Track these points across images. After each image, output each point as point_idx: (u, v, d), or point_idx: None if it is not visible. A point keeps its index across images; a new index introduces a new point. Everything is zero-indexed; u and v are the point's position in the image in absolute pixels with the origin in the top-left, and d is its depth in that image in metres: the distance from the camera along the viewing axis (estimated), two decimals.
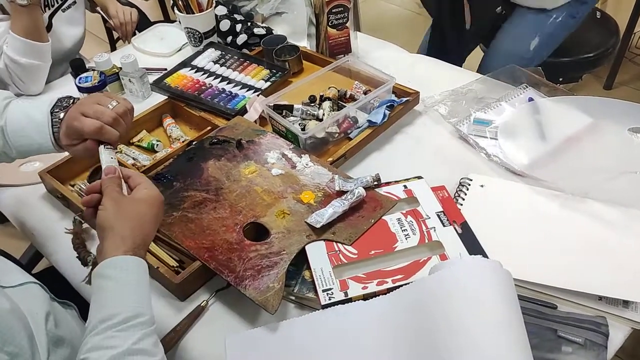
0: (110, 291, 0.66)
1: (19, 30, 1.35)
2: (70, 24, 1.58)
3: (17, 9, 1.33)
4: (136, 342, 0.63)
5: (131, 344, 0.62)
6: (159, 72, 1.42)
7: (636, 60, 2.54)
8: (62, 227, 1.03)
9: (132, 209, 0.72)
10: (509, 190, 0.99)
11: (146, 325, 0.65)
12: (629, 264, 0.83)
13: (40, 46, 1.38)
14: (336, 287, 0.82)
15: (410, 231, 0.89)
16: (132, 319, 0.64)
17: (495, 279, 0.70)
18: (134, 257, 0.68)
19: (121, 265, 0.67)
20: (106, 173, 0.76)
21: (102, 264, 0.67)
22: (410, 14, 3.37)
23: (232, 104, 1.25)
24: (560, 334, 0.75)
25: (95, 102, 0.82)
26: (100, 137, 0.81)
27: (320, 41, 1.39)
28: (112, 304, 0.65)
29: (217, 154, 1.05)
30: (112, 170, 0.76)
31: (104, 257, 0.67)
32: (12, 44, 1.35)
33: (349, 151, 1.09)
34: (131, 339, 0.62)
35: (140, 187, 0.75)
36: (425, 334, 0.70)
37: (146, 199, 0.74)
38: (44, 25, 1.40)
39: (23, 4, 1.31)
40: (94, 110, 0.81)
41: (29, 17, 1.34)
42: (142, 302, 0.67)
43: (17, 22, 1.35)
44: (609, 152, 1.04)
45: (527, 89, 1.22)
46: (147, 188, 0.75)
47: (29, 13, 1.34)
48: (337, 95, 1.21)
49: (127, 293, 0.66)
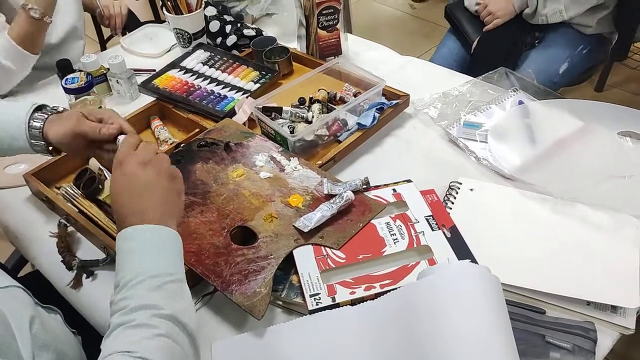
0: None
1: (16, 36, 1.33)
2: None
3: (25, 18, 1.32)
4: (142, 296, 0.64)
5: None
6: (147, 73, 1.40)
7: (627, 62, 2.55)
8: (46, 231, 1.01)
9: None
10: (498, 194, 0.99)
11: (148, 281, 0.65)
12: (618, 269, 0.82)
13: (28, 56, 1.36)
14: (324, 292, 0.81)
15: (399, 235, 0.88)
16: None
17: (484, 285, 0.69)
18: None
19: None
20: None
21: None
22: (403, 15, 3.37)
23: (221, 106, 1.24)
24: (549, 340, 0.75)
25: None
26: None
27: (310, 43, 1.38)
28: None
29: (205, 156, 1.04)
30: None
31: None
32: (2, 44, 1.33)
33: (338, 154, 1.08)
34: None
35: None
36: (413, 340, 0.70)
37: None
38: (43, 40, 1.38)
39: (35, 17, 1.31)
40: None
41: (33, 29, 1.33)
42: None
43: (18, 29, 1.33)
44: (598, 155, 1.04)
45: (518, 92, 1.22)
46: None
47: (36, 26, 1.33)
48: (327, 97, 1.20)
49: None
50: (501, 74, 1.27)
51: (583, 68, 1.76)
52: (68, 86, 1.21)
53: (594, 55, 1.75)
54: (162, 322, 0.62)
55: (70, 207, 1.00)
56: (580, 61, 1.71)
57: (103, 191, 1.01)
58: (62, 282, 0.93)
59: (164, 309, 0.63)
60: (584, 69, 1.76)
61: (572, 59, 1.68)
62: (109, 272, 0.94)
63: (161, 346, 0.60)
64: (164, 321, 0.62)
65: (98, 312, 0.89)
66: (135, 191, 0.71)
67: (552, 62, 1.66)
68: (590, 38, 1.70)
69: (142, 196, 0.71)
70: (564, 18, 1.65)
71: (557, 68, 1.66)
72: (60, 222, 1.00)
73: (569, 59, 1.67)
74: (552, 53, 1.68)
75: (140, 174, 0.72)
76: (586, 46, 1.70)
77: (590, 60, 1.76)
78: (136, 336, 0.61)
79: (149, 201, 0.70)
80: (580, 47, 1.69)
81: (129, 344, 0.60)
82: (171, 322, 0.63)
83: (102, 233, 0.94)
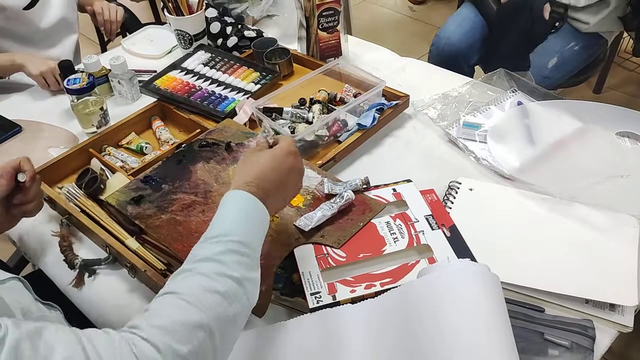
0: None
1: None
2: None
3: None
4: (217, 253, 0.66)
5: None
6: (148, 74, 1.41)
7: (625, 64, 2.55)
8: (49, 230, 1.02)
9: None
10: (497, 194, 0.99)
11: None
12: (616, 267, 0.83)
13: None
14: (324, 291, 0.82)
15: (399, 234, 0.89)
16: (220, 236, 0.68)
17: (483, 283, 0.70)
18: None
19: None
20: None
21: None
22: (403, 17, 3.38)
23: (222, 107, 1.25)
24: (547, 337, 0.76)
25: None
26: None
27: (310, 44, 1.39)
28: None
29: (206, 156, 1.04)
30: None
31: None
32: None
33: (339, 154, 1.09)
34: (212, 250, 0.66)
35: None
36: (413, 338, 0.70)
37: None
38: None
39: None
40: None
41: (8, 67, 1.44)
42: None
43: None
44: (597, 156, 1.05)
45: (517, 93, 1.23)
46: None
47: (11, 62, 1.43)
48: (327, 98, 1.21)
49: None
50: (500, 75, 1.28)
51: (575, 65, 1.75)
52: (70, 87, 1.21)
53: (586, 52, 1.74)
54: (227, 281, 0.63)
55: (72, 206, 1.00)
56: (571, 57, 1.70)
57: (105, 191, 1.02)
58: (64, 281, 0.94)
59: (234, 271, 0.64)
60: (576, 66, 1.75)
61: (562, 54, 1.67)
62: (110, 271, 0.95)
63: (211, 301, 0.61)
64: (229, 281, 0.63)
65: (100, 311, 0.90)
66: (277, 179, 0.76)
67: (542, 56, 1.66)
68: (585, 36, 1.70)
69: (277, 185, 0.76)
70: (569, 1, 1.64)
71: (546, 62, 1.66)
72: (62, 221, 1.00)
73: (559, 54, 1.67)
74: (542, 46, 1.68)
75: (290, 176, 0.79)
76: (578, 43, 1.69)
77: (582, 58, 1.75)
78: (194, 283, 0.63)
79: (277, 189, 0.76)
80: (572, 43, 1.69)
81: (182, 287, 0.62)
82: (235, 284, 0.64)
83: (104, 232, 0.94)
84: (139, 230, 0.93)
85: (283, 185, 0.78)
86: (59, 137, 1.24)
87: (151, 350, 0.56)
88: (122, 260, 0.91)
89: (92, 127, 1.22)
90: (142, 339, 0.57)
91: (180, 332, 0.58)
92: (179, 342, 0.57)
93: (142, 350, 0.56)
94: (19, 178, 0.89)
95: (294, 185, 0.82)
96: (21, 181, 0.89)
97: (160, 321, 0.59)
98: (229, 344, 0.64)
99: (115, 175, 1.06)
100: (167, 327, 0.58)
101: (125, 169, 1.10)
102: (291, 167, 0.79)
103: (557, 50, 1.67)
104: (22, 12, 1.52)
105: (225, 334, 0.62)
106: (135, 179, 1.00)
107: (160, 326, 0.58)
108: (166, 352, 0.56)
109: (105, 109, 1.23)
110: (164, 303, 0.62)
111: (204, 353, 0.59)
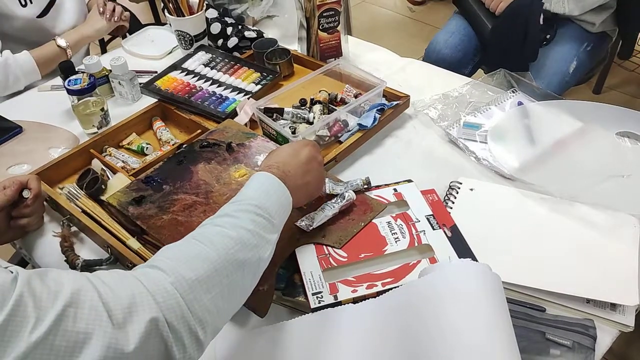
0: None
1: (38, 56, 1.46)
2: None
3: (51, 44, 1.49)
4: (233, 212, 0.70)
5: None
6: (149, 75, 1.41)
7: (625, 64, 2.56)
8: (50, 230, 1.02)
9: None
10: (498, 194, 0.99)
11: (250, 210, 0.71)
12: (617, 267, 0.83)
13: (35, 76, 1.47)
14: (326, 291, 0.82)
15: (400, 234, 0.89)
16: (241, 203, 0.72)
17: (484, 282, 0.70)
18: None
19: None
20: None
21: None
22: (402, 18, 3.39)
23: (223, 107, 1.25)
24: (549, 337, 0.76)
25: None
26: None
27: (311, 44, 1.39)
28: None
29: (207, 157, 1.05)
30: None
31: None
32: (21, 58, 1.44)
33: (340, 154, 1.09)
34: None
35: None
36: (414, 337, 0.70)
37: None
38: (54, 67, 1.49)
39: (61, 46, 1.49)
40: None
41: (53, 55, 1.48)
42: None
43: (41, 52, 1.47)
44: (597, 156, 1.05)
45: (517, 93, 1.23)
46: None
47: (57, 54, 1.48)
48: (328, 98, 1.21)
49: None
50: (500, 75, 1.28)
51: (589, 65, 1.77)
52: (71, 87, 1.21)
53: (597, 52, 1.76)
54: (240, 230, 0.67)
55: (73, 207, 1.00)
56: (586, 59, 1.72)
57: (106, 191, 1.02)
58: None
59: (247, 224, 0.68)
60: (588, 67, 1.77)
61: (579, 57, 1.68)
62: None
63: (222, 242, 0.65)
64: (242, 231, 0.67)
65: None
66: (297, 162, 0.82)
67: (563, 62, 1.67)
68: (594, 35, 1.71)
69: (298, 168, 0.82)
70: (564, 11, 1.65)
71: (568, 67, 1.67)
72: (63, 222, 1.00)
73: (577, 57, 1.68)
74: (560, 51, 1.69)
75: (311, 161, 0.84)
76: (590, 43, 1.71)
77: (594, 58, 1.77)
78: (208, 230, 0.68)
79: (299, 176, 0.81)
80: (585, 44, 1.70)
81: (196, 232, 0.67)
82: (248, 234, 0.67)
83: (106, 232, 0.94)
84: (140, 231, 0.93)
85: (304, 172, 0.83)
86: (59, 137, 1.24)
87: (157, 272, 0.59)
88: (124, 261, 0.91)
89: (93, 128, 1.22)
90: (147, 266, 0.61)
91: (188, 260, 0.61)
92: (186, 268, 0.60)
93: (147, 273, 0.59)
94: (24, 194, 0.97)
95: (316, 175, 0.86)
96: (25, 197, 0.97)
97: (169, 252, 0.64)
98: (234, 290, 0.65)
99: (116, 176, 1.06)
100: (175, 256, 0.62)
101: (126, 169, 1.10)
102: (309, 156, 0.84)
103: (575, 54, 1.68)
104: (36, 20, 1.53)
105: (232, 276, 0.64)
106: (136, 179, 1.00)
107: (168, 256, 0.62)
108: (171, 273, 0.59)
109: (106, 109, 1.23)
110: (177, 243, 0.66)
111: (209, 284, 0.61)
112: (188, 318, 0.57)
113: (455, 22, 1.87)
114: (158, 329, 0.55)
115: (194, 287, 0.59)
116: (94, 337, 0.51)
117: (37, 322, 0.49)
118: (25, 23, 1.52)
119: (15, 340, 0.47)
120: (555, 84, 1.63)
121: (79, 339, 0.50)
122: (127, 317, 0.53)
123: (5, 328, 0.47)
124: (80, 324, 0.51)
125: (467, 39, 1.81)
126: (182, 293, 0.58)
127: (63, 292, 0.52)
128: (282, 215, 0.75)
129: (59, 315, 0.50)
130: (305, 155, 0.84)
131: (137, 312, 0.54)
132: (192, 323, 0.58)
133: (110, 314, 0.53)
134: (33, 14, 1.52)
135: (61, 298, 0.51)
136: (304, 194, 0.84)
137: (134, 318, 0.54)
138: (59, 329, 0.50)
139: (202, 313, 0.59)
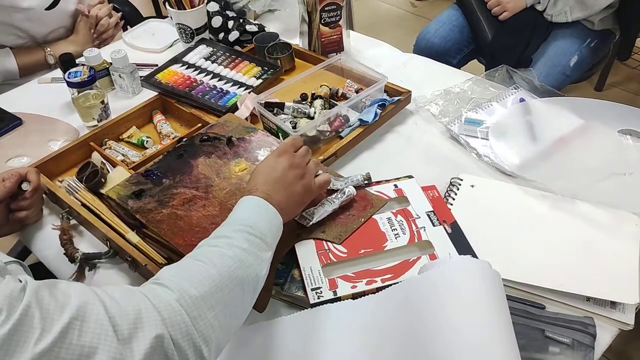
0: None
1: (22, 62, 1.52)
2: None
3: (39, 54, 1.54)
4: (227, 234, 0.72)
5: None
6: (149, 68, 1.41)
7: (627, 62, 2.55)
8: (49, 223, 1.02)
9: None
10: (499, 191, 0.99)
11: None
12: (617, 265, 0.83)
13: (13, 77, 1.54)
14: (325, 286, 0.82)
15: (400, 230, 0.89)
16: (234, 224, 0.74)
17: (484, 279, 0.70)
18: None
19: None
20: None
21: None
22: (404, 13, 3.38)
23: (223, 101, 1.25)
24: (548, 334, 0.76)
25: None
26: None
27: (312, 39, 1.38)
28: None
29: (208, 151, 1.04)
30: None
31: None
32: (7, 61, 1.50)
33: (340, 150, 1.09)
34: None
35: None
36: (413, 334, 0.70)
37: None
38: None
39: (49, 62, 1.55)
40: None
41: (38, 65, 1.54)
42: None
43: (28, 59, 1.53)
44: (598, 153, 1.05)
45: (519, 90, 1.23)
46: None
47: (41, 65, 1.53)
48: (329, 93, 1.21)
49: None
50: (502, 71, 1.27)
51: (590, 62, 1.77)
52: (71, 80, 1.21)
53: (600, 49, 1.76)
54: (235, 250, 0.69)
55: (73, 200, 1.00)
56: (588, 55, 1.72)
57: (105, 184, 1.01)
58: (65, 275, 0.94)
59: (241, 244, 0.70)
60: (591, 63, 1.78)
61: (581, 52, 1.69)
62: (111, 265, 0.95)
63: (222, 261, 0.67)
64: (237, 250, 0.69)
65: None
66: (274, 179, 0.82)
67: (563, 56, 1.67)
68: (598, 32, 1.72)
69: (277, 184, 0.82)
70: (567, 19, 1.66)
71: (568, 61, 1.67)
72: (62, 215, 1.00)
73: (579, 52, 1.68)
74: (562, 46, 1.69)
75: (287, 172, 0.84)
76: (593, 39, 1.72)
77: (597, 54, 1.78)
78: (206, 250, 0.69)
79: (280, 190, 0.81)
80: (588, 40, 1.71)
81: (195, 253, 0.69)
82: (244, 253, 0.69)
83: (105, 226, 0.94)
84: (139, 224, 0.93)
85: (286, 186, 0.82)
86: (59, 130, 1.23)
87: (162, 289, 0.60)
88: (123, 254, 0.91)
89: (93, 121, 1.22)
90: (152, 283, 0.62)
91: (191, 278, 0.62)
92: (189, 285, 0.61)
93: (153, 289, 0.60)
94: (23, 186, 0.96)
95: (299, 183, 0.85)
96: (24, 189, 0.96)
97: (171, 271, 0.65)
98: (235, 307, 0.66)
99: (116, 169, 1.06)
100: (177, 274, 0.63)
101: (126, 162, 1.10)
102: (284, 167, 0.84)
103: (577, 49, 1.69)
104: (44, 12, 1.52)
105: (233, 293, 0.65)
106: (136, 172, 1.00)
107: (171, 274, 0.63)
108: (176, 290, 0.60)
109: (106, 102, 1.22)
110: (177, 263, 0.67)
111: (212, 301, 0.62)
112: (193, 335, 0.58)
113: (449, 13, 1.89)
114: (163, 346, 0.55)
115: (198, 304, 0.60)
116: (99, 351, 0.51)
117: (42, 333, 0.49)
118: (34, 15, 1.51)
119: (20, 350, 0.48)
120: (554, 76, 1.62)
121: (83, 352, 0.50)
122: (133, 333, 0.54)
123: (12, 337, 0.48)
124: (86, 337, 0.51)
125: (457, 30, 1.83)
126: (187, 310, 0.59)
127: (70, 304, 0.52)
128: (274, 233, 0.77)
129: (64, 328, 0.50)
130: (281, 168, 0.83)
131: (142, 328, 0.54)
132: (197, 340, 0.58)
133: (116, 328, 0.53)
134: (42, 6, 1.51)
135: (68, 310, 0.51)
136: (293, 204, 0.84)
137: (139, 334, 0.54)
138: (64, 342, 0.50)
139: (207, 330, 0.59)
